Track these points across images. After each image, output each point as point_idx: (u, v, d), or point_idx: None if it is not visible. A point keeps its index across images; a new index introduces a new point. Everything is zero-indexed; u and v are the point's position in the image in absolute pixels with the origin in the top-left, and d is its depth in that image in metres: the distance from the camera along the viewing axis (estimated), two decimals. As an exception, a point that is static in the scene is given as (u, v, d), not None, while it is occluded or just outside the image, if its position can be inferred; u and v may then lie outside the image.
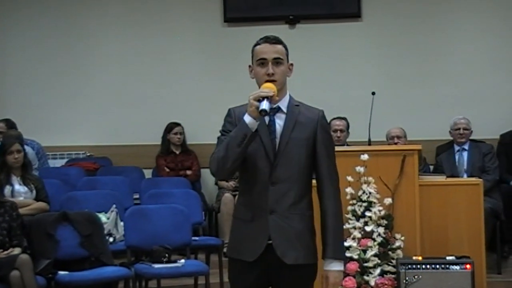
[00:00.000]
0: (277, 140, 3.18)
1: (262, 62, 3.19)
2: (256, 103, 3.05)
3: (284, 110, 3.22)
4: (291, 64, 3.27)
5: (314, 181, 3.27)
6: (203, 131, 8.08)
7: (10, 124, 7.72)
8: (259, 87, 3.17)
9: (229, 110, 3.27)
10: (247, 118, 3.07)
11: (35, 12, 8.76)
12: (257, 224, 3.17)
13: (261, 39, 3.26)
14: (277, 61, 3.19)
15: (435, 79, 8.20)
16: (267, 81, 3.16)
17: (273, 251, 3.14)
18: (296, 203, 3.17)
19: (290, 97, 3.27)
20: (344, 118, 7.55)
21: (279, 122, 3.21)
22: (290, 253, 3.14)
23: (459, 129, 7.29)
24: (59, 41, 8.70)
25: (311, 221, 3.22)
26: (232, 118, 3.21)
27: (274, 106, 3.20)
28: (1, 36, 8.79)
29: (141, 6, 8.64)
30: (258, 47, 3.23)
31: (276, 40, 3.23)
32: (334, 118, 7.40)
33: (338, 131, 7.35)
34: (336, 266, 3.15)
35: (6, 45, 8.79)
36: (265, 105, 3.03)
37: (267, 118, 3.19)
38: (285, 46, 3.25)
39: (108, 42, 8.70)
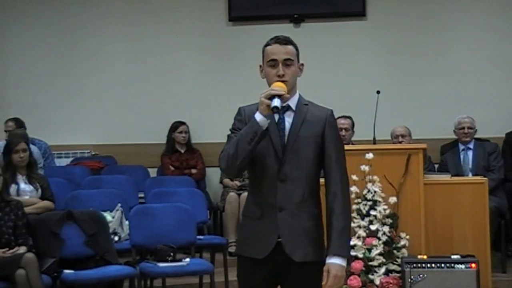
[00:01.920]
0: (286, 138, 3.20)
1: (273, 63, 3.20)
2: (267, 101, 3.07)
3: (293, 108, 3.24)
4: (302, 64, 3.28)
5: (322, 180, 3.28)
6: (208, 130, 8.09)
7: (19, 123, 7.78)
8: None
9: (239, 108, 3.28)
10: (258, 116, 3.09)
11: (37, 12, 8.75)
12: (266, 222, 3.18)
13: (271, 39, 3.26)
14: (287, 62, 3.20)
15: (440, 78, 8.19)
16: (278, 81, 3.18)
17: (282, 248, 3.15)
18: (305, 200, 3.19)
19: (300, 96, 3.29)
20: (349, 117, 7.55)
21: (288, 120, 3.22)
22: (299, 250, 3.16)
23: (463, 128, 7.29)
24: (63, 40, 8.71)
25: (319, 218, 3.24)
26: (242, 117, 3.23)
27: (284, 104, 3.21)
28: (2, 36, 8.79)
29: (146, 5, 8.64)
30: (269, 47, 3.23)
31: (286, 41, 3.24)
32: (339, 117, 7.38)
33: (343, 130, 7.34)
34: (337, 260, 3.14)
35: (9, 45, 8.79)
36: (276, 102, 3.06)
37: (276, 116, 3.21)
38: (295, 47, 3.25)
39: (112, 41, 8.70)
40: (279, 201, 3.17)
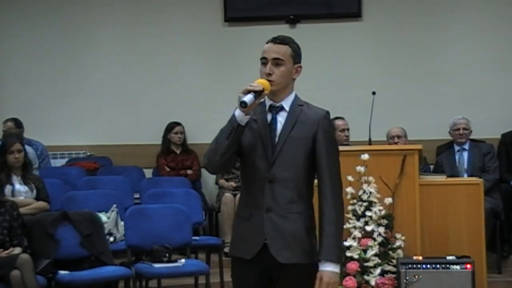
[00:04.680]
0: (276, 139, 3.19)
1: (264, 61, 3.21)
2: (242, 96, 3.07)
3: (287, 109, 3.22)
4: (299, 66, 3.26)
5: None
6: (204, 131, 8.06)
7: (18, 124, 7.78)
8: None
9: (236, 108, 3.26)
10: (237, 112, 3.10)
11: (34, 13, 8.74)
12: (254, 222, 3.18)
13: (271, 38, 3.26)
14: (276, 62, 3.18)
15: (436, 79, 8.20)
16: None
17: (269, 250, 3.14)
18: (294, 202, 3.16)
19: (296, 97, 3.27)
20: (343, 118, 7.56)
21: (281, 120, 3.21)
22: (285, 252, 3.14)
23: (458, 129, 7.29)
24: (59, 41, 8.70)
25: (309, 221, 3.20)
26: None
27: (277, 104, 3.22)
28: (0, 36, 8.78)
29: (142, 5, 8.64)
30: (265, 46, 3.24)
31: (281, 41, 3.23)
32: (336, 118, 7.39)
33: (346, 130, 7.37)
34: (330, 267, 3.11)
35: (5, 45, 8.78)
36: (246, 98, 3.05)
37: (270, 116, 3.21)
38: (293, 48, 3.23)
39: (108, 42, 8.70)
40: (267, 202, 3.15)
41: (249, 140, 3.19)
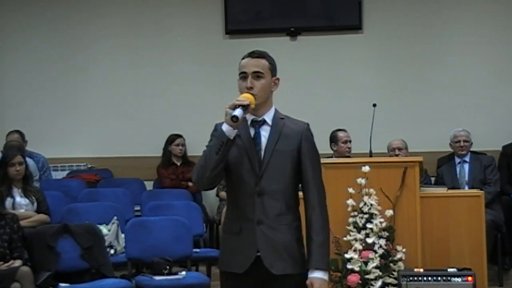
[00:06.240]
0: (262, 152, 3.22)
1: (243, 76, 3.26)
2: (230, 111, 3.10)
3: (269, 122, 3.27)
4: (277, 79, 3.31)
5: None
6: (204, 143, 7.97)
7: (23, 136, 7.79)
8: None
9: (216, 125, 3.30)
10: (224, 127, 3.13)
11: (33, 25, 8.77)
12: (245, 236, 3.21)
13: (247, 53, 3.32)
14: (257, 75, 3.24)
15: (437, 91, 8.21)
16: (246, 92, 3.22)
17: (262, 262, 3.17)
18: (283, 214, 3.21)
19: (276, 110, 3.32)
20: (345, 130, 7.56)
21: (264, 134, 3.26)
22: (278, 264, 3.18)
23: (459, 141, 7.30)
24: (59, 53, 8.72)
25: (298, 231, 3.26)
26: (217, 132, 3.24)
27: (259, 119, 3.27)
28: None
29: (143, 17, 8.66)
30: (242, 61, 3.30)
31: (259, 55, 3.29)
32: (338, 130, 7.39)
33: (348, 142, 7.36)
34: (319, 274, 3.17)
35: (5, 57, 8.80)
36: (237, 112, 3.09)
37: (252, 131, 3.25)
38: (270, 61, 3.29)
39: (109, 54, 8.71)
40: (257, 215, 3.19)
41: (235, 155, 3.22)
